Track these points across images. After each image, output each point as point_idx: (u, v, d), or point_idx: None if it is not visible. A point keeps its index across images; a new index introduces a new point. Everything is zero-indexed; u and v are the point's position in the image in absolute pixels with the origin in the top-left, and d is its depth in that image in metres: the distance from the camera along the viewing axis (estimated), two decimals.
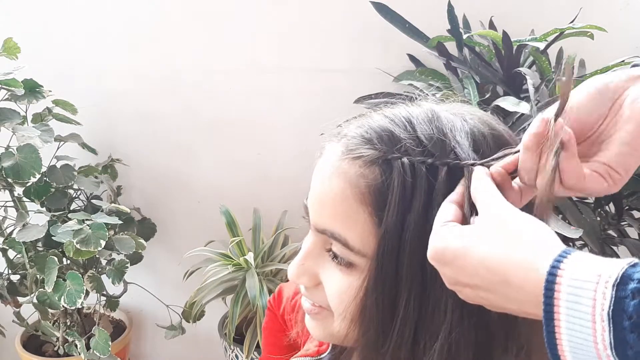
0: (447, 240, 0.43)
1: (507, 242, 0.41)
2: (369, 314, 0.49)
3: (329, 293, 0.53)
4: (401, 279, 0.48)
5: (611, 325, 0.35)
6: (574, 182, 0.45)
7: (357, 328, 0.51)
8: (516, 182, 0.48)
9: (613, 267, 0.36)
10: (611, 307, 0.35)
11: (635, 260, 0.37)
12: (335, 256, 0.51)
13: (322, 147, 0.54)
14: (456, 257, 0.43)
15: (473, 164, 0.47)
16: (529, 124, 0.47)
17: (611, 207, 1.37)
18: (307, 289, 0.56)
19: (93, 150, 1.65)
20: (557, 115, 0.45)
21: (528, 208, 0.46)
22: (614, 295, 0.35)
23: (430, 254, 0.44)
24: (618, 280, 0.35)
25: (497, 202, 0.44)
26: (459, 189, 0.47)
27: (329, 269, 0.52)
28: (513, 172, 0.48)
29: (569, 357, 0.37)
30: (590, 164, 0.46)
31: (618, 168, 0.46)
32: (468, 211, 0.46)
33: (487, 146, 0.50)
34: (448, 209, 0.46)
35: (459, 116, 0.52)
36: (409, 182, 0.47)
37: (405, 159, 0.48)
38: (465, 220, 0.46)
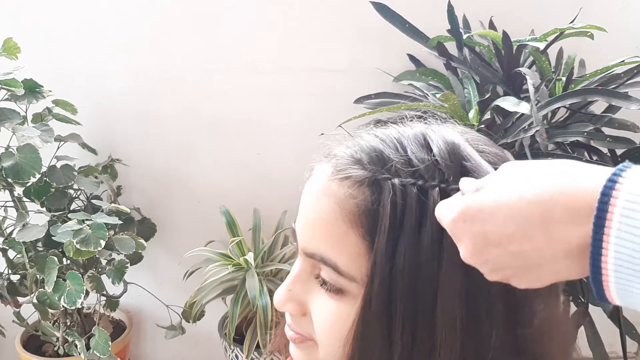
0: (465, 199, 0.40)
1: (546, 174, 0.38)
2: (361, 344, 0.47)
3: (317, 322, 0.51)
4: (395, 306, 0.46)
5: None
6: None
7: (347, 358, 0.49)
8: None
9: None
10: None
11: None
12: (324, 282, 0.50)
13: (311, 168, 0.53)
14: (483, 206, 0.39)
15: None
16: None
17: None
18: (292, 318, 0.54)
19: (93, 150, 1.65)
20: None
21: None
22: None
23: (451, 217, 0.41)
24: None
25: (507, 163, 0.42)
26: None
27: (318, 296, 0.50)
28: None
29: (612, 270, 0.35)
30: None
31: None
32: None
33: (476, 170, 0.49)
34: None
35: (455, 136, 0.51)
36: (400, 204, 0.46)
37: (395, 180, 0.47)
38: None
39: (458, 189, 0.45)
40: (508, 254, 0.39)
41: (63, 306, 1.41)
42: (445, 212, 0.42)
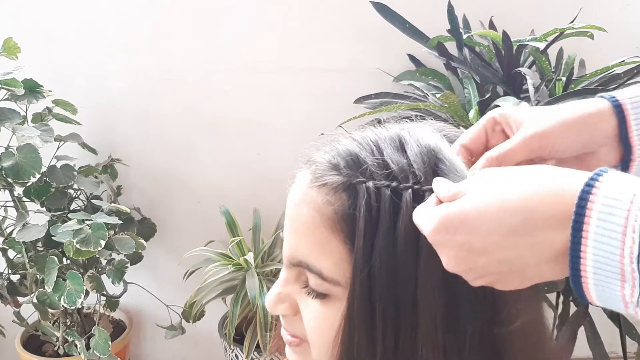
0: (446, 208, 0.41)
1: (525, 180, 0.39)
2: (348, 345, 0.48)
3: (307, 325, 0.51)
4: (376, 306, 0.46)
5: None
6: None
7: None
8: None
9: None
10: None
11: None
12: (311, 287, 0.50)
13: (294, 175, 0.54)
14: (466, 216, 0.39)
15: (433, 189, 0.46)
16: None
17: None
18: (285, 319, 0.55)
19: (93, 150, 1.65)
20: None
21: None
22: None
23: (432, 227, 0.41)
24: None
25: (485, 170, 0.44)
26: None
27: (307, 300, 0.51)
28: None
29: (591, 272, 0.36)
30: None
31: None
32: None
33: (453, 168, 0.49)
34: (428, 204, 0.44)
35: (430, 137, 0.51)
36: (375, 207, 0.46)
37: (370, 183, 0.47)
38: None
39: (431, 190, 0.45)
40: (493, 261, 0.40)
41: (63, 306, 1.41)
42: (425, 221, 0.42)
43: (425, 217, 0.42)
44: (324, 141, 0.54)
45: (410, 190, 0.46)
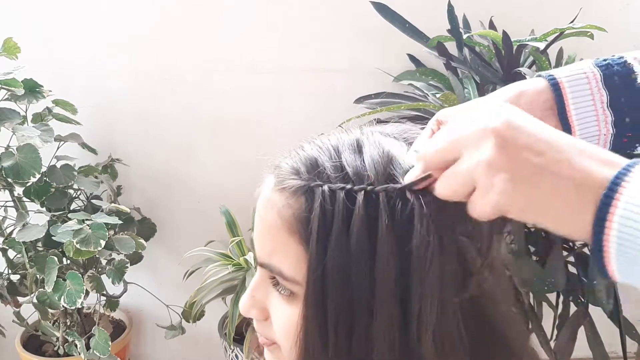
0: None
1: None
2: (304, 344, 0.49)
3: (275, 326, 0.53)
4: (328, 306, 0.48)
5: None
6: None
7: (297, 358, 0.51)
8: None
9: None
10: None
11: None
12: (277, 288, 0.52)
13: (262, 179, 0.56)
14: (535, 121, 0.42)
15: (386, 189, 0.47)
16: None
17: None
18: (258, 323, 0.57)
19: (93, 150, 1.65)
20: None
21: None
22: None
23: (497, 119, 0.41)
24: None
25: None
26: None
27: (275, 300, 0.53)
28: None
29: (615, 229, 0.37)
30: None
31: None
32: None
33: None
34: None
35: (387, 141, 0.52)
36: (329, 209, 0.47)
37: (325, 187, 0.48)
38: None
39: (384, 191, 0.47)
40: (533, 143, 0.40)
41: (63, 306, 1.41)
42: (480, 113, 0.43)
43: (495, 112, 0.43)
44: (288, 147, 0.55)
45: (363, 192, 0.47)
